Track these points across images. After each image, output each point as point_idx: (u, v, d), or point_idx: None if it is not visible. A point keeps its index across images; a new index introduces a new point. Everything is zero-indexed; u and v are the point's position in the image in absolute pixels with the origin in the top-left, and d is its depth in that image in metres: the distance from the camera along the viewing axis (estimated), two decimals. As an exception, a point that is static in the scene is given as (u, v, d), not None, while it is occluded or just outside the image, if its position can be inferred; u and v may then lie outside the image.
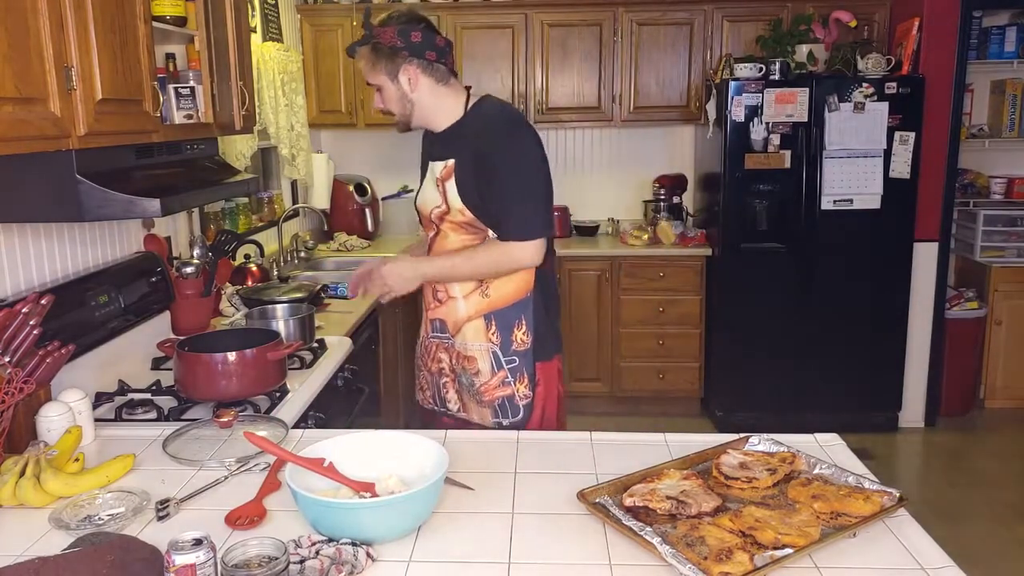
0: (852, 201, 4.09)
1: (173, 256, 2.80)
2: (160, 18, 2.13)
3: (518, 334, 2.05)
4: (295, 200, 4.42)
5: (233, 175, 2.41)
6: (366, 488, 1.40)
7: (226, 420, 1.77)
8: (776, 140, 4.06)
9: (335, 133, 4.93)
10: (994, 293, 4.55)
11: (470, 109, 2.05)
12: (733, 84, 4.05)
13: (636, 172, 4.96)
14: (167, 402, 2.02)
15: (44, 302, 1.71)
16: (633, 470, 1.51)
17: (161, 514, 1.42)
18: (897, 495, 1.40)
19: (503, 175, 1.94)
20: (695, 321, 4.48)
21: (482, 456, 1.67)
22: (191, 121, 2.21)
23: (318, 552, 1.25)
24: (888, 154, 4.05)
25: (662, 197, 4.76)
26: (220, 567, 1.16)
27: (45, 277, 2.06)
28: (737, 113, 4.05)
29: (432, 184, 2.07)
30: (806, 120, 4.03)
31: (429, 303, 2.16)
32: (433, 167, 2.08)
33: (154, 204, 1.78)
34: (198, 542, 1.14)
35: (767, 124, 4.04)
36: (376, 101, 2.08)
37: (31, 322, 1.64)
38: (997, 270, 4.55)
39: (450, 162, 2.01)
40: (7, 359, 1.60)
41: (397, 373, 3.67)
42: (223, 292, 2.95)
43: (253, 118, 2.67)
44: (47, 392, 1.77)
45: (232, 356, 1.93)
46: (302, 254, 4.12)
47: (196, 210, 3.14)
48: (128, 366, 2.28)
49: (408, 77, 1.99)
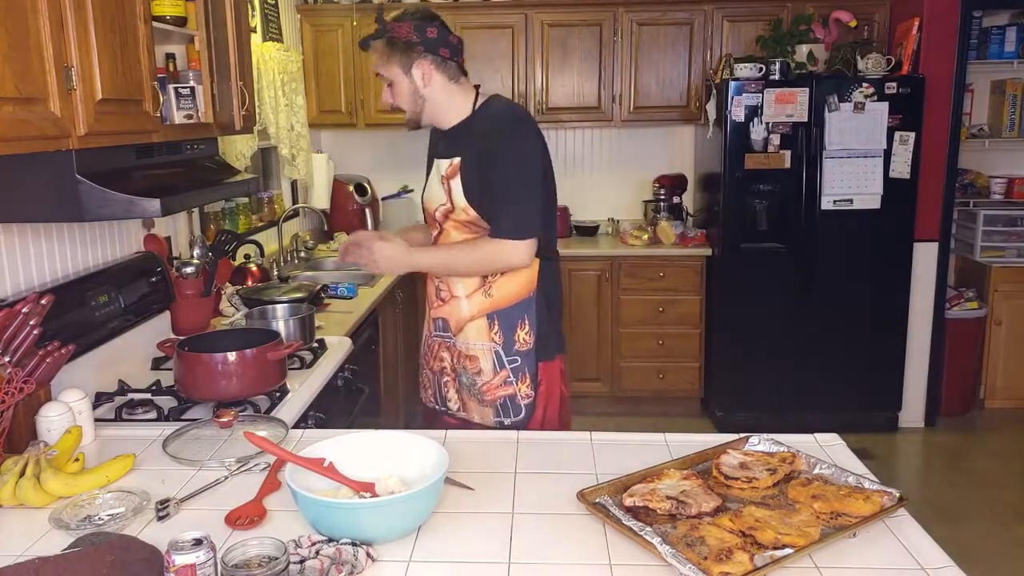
0: (852, 201, 4.09)
1: (173, 256, 2.80)
2: (160, 18, 2.13)
3: (521, 334, 2.04)
4: (295, 200, 4.42)
5: (233, 175, 2.41)
6: (366, 488, 1.40)
7: (226, 420, 1.76)
8: (776, 140, 4.06)
9: (335, 133, 4.92)
10: (994, 293, 4.55)
11: (478, 108, 2.05)
12: (733, 84, 4.04)
13: (636, 172, 4.96)
14: (167, 402, 2.02)
15: (44, 302, 1.71)
16: (633, 470, 1.51)
17: (161, 514, 1.42)
18: (897, 495, 1.40)
19: (502, 173, 1.94)
20: (695, 321, 4.48)
21: (482, 456, 1.66)
22: (191, 121, 2.21)
23: (318, 552, 1.25)
24: (888, 154, 4.05)
25: (662, 197, 4.76)
26: (220, 567, 1.16)
27: (45, 277, 2.06)
28: (737, 113, 4.05)
29: (437, 181, 2.08)
30: (806, 120, 4.03)
31: (432, 302, 2.16)
32: (439, 164, 2.08)
33: (154, 204, 1.78)
34: (198, 542, 1.14)
35: (767, 124, 4.04)
36: (385, 96, 2.07)
37: (31, 322, 1.64)
38: (997, 270, 4.55)
39: (456, 160, 2.01)
40: (7, 359, 1.60)
41: (397, 373, 3.67)
42: (223, 292, 2.95)
43: (253, 118, 2.67)
44: (47, 392, 1.76)
45: (232, 356, 1.94)
46: (302, 254, 4.12)
47: (196, 210, 3.14)
48: (128, 366, 2.28)
49: (422, 72, 1.99)
